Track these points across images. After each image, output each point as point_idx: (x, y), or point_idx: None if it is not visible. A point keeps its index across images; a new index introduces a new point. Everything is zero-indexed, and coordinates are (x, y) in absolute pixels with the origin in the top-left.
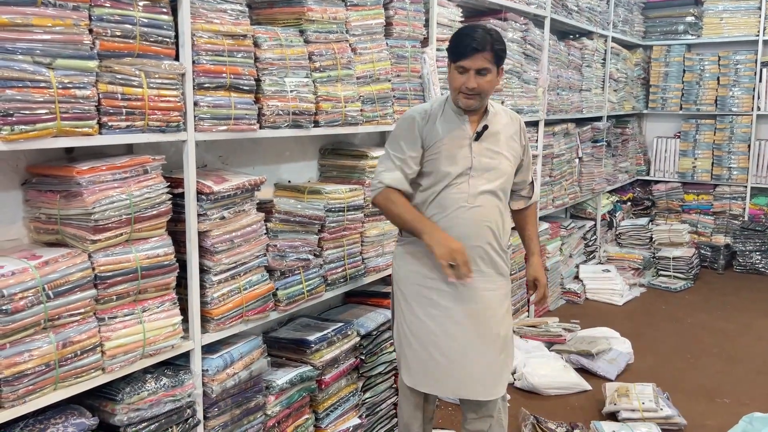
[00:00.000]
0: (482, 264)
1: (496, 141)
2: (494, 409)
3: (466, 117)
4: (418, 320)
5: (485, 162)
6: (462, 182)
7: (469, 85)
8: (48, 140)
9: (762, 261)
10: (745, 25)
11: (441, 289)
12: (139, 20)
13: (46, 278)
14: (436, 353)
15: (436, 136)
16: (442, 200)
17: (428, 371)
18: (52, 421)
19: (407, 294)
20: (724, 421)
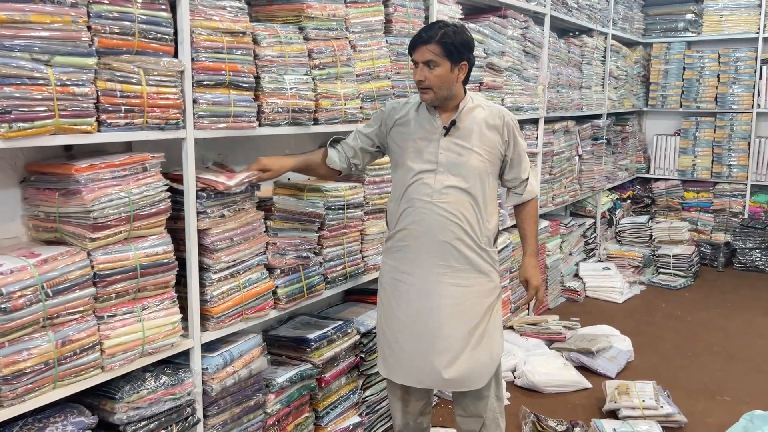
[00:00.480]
0: (452, 260)
1: (467, 137)
2: (484, 410)
3: (437, 113)
4: (391, 312)
5: (452, 158)
6: (428, 177)
7: (415, 77)
8: (46, 138)
9: (762, 259)
10: (745, 22)
11: (410, 283)
12: (137, 17)
13: (44, 276)
14: (403, 343)
15: (407, 129)
16: (410, 194)
17: (397, 360)
18: (52, 420)
19: (385, 285)
20: (725, 419)
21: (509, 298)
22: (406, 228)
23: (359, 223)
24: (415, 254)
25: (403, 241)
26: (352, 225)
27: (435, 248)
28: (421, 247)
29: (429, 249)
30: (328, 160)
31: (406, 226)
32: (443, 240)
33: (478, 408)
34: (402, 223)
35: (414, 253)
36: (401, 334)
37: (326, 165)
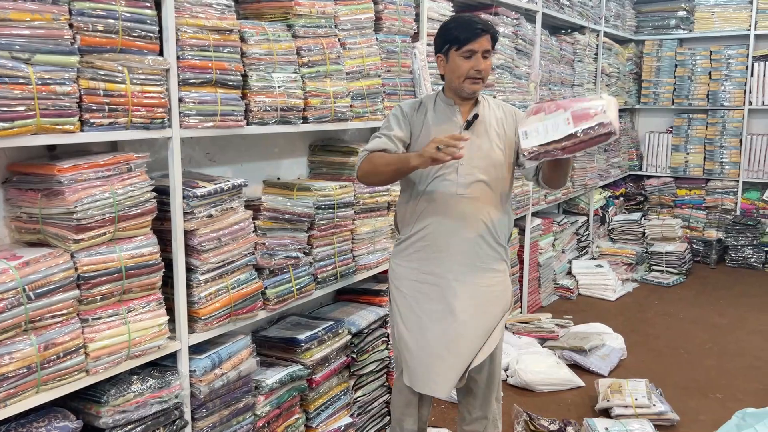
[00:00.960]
0: (475, 258)
1: (487, 130)
2: (489, 410)
3: (457, 107)
4: (416, 317)
5: (474, 151)
6: (450, 172)
7: (480, 66)
8: (28, 138)
9: (754, 255)
10: (736, 19)
11: (437, 284)
12: (121, 15)
13: (26, 279)
14: (430, 350)
15: (426, 126)
16: (432, 192)
17: (424, 369)
18: (35, 425)
19: (405, 291)
20: (717, 417)
21: None
22: (427, 227)
23: (350, 223)
24: (437, 253)
25: (423, 240)
26: (343, 224)
27: (459, 246)
28: (445, 245)
29: (453, 247)
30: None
31: (428, 224)
32: (468, 237)
33: (484, 409)
34: (422, 222)
35: (436, 252)
36: (426, 341)
37: None
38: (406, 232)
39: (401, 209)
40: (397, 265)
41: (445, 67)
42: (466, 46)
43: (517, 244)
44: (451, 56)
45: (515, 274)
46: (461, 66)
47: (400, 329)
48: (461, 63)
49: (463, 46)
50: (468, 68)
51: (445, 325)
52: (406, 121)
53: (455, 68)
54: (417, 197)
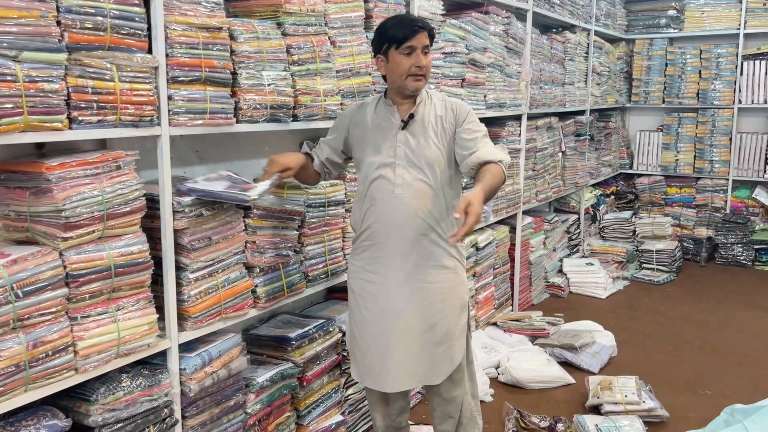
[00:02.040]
0: (417, 256)
1: (424, 129)
2: (456, 411)
3: (395, 108)
4: (361, 314)
5: (410, 151)
6: (388, 172)
7: (421, 62)
8: (15, 135)
9: (743, 253)
10: (726, 18)
11: (376, 282)
12: (109, 12)
13: (14, 277)
14: (372, 346)
15: (364, 128)
16: (373, 191)
17: (367, 365)
18: (24, 423)
19: (354, 289)
20: (706, 413)
21: (493, 294)
22: (370, 226)
23: (340, 221)
24: (380, 252)
25: (368, 240)
26: (333, 222)
27: (400, 245)
28: (387, 244)
29: (394, 245)
30: (315, 164)
31: (371, 224)
32: (408, 236)
33: (448, 409)
34: (367, 221)
35: (379, 251)
36: (370, 337)
37: (314, 169)
38: (356, 231)
39: (354, 208)
40: (350, 264)
41: (385, 67)
42: (406, 43)
43: (508, 242)
44: (391, 55)
45: (506, 272)
46: (402, 64)
47: (350, 326)
48: (402, 60)
49: (403, 43)
50: (409, 65)
51: (388, 323)
52: (345, 123)
53: (396, 67)
54: (363, 197)
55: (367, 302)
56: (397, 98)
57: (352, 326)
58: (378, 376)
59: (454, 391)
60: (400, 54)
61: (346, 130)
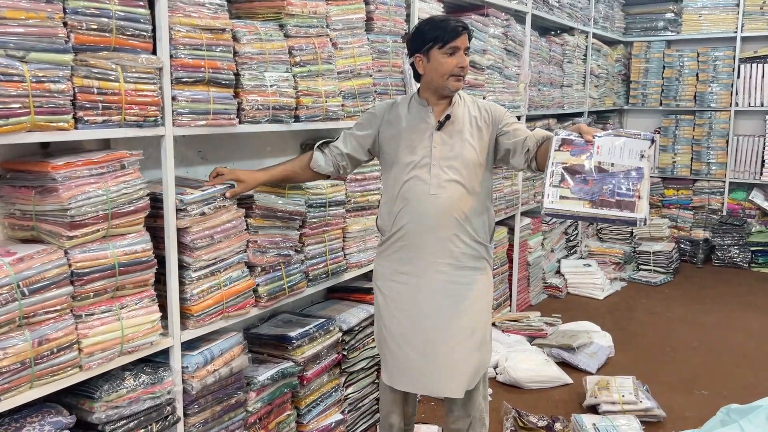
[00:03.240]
0: (451, 257)
1: (460, 130)
2: (473, 409)
3: (430, 108)
4: (392, 316)
5: (446, 151)
6: (423, 172)
7: (464, 63)
8: (22, 135)
9: (740, 255)
10: (723, 21)
11: (410, 284)
12: (115, 13)
13: (20, 275)
14: (407, 348)
15: (398, 127)
16: (406, 192)
17: (401, 368)
18: (29, 420)
19: (383, 290)
20: (703, 413)
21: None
22: (403, 227)
23: (341, 221)
24: (414, 253)
25: (401, 240)
26: (334, 222)
27: (434, 245)
28: (421, 244)
29: (428, 246)
30: (314, 164)
31: (404, 224)
32: (442, 236)
33: (468, 409)
34: (399, 222)
35: (413, 251)
36: (403, 338)
37: (311, 170)
38: (386, 232)
39: (383, 210)
40: (378, 265)
41: (425, 66)
42: (451, 43)
43: (506, 243)
44: (433, 55)
45: (504, 273)
46: (445, 64)
47: (380, 328)
48: (445, 60)
49: (447, 43)
50: (453, 65)
51: (422, 324)
52: (376, 121)
53: (438, 66)
54: (394, 198)
55: (398, 303)
56: (433, 98)
57: (381, 328)
58: (415, 378)
59: (475, 392)
60: (443, 54)
61: (377, 129)
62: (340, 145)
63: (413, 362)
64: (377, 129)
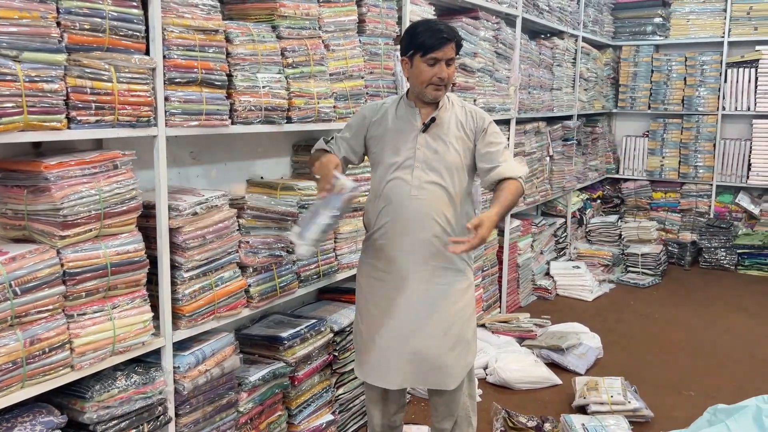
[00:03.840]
0: (430, 258)
1: (445, 133)
2: (457, 408)
3: (417, 110)
4: (368, 312)
5: (429, 154)
6: (406, 173)
7: (443, 75)
8: (15, 134)
9: (727, 257)
10: (710, 26)
11: (388, 281)
12: (108, 14)
13: (12, 274)
14: (379, 343)
15: (384, 128)
16: (389, 191)
17: (373, 362)
18: (20, 420)
19: (363, 285)
20: (690, 413)
21: (481, 296)
22: (384, 226)
23: None
24: (393, 252)
25: (381, 239)
26: None
27: (413, 246)
28: (400, 244)
29: (407, 247)
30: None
31: (385, 224)
32: (422, 237)
33: (450, 408)
34: (380, 221)
35: (392, 251)
36: (378, 334)
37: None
38: (369, 229)
39: (367, 207)
40: (361, 262)
41: (409, 71)
42: (431, 53)
43: (496, 245)
44: (415, 61)
45: (494, 275)
46: (424, 72)
47: (357, 323)
48: (425, 69)
49: (428, 53)
50: (431, 75)
51: (401, 322)
52: (364, 123)
53: (419, 74)
54: (378, 197)
55: (376, 299)
56: (419, 101)
57: (359, 322)
58: (386, 373)
59: (458, 390)
60: (424, 62)
61: (366, 130)
62: (335, 150)
63: (383, 356)
64: (365, 129)
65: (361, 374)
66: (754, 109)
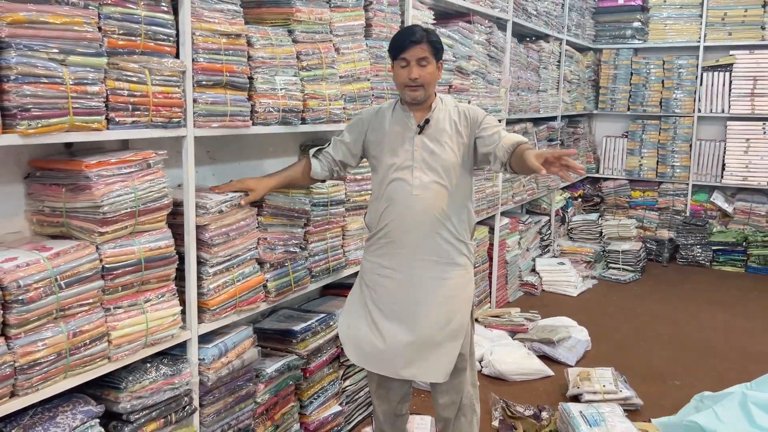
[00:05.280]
0: (433, 254)
1: (440, 133)
2: (459, 395)
3: (411, 113)
4: (374, 305)
5: (427, 155)
6: (405, 174)
7: (412, 75)
8: (61, 135)
9: (702, 254)
10: (687, 31)
11: (394, 278)
12: (143, 18)
13: (57, 269)
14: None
15: (382, 132)
16: (390, 193)
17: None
18: (60, 409)
19: (368, 283)
20: (677, 401)
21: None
22: (387, 225)
23: (341, 219)
24: (397, 250)
25: (385, 237)
26: (335, 221)
27: (417, 243)
28: (404, 242)
29: (411, 243)
30: (312, 172)
31: (388, 223)
32: (424, 235)
33: (452, 396)
34: (384, 221)
35: (396, 248)
36: (381, 329)
37: (309, 177)
38: (372, 229)
39: (370, 208)
40: (365, 260)
41: (393, 76)
42: (400, 55)
43: (487, 242)
44: (394, 66)
45: (485, 271)
46: (399, 75)
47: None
48: (399, 72)
49: (397, 56)
50: (405, 77)
51: (403, 316)
52: (364, 127)
53: (396, 78)
54: (380, 197)
55: (381, 296)
56: (411, 105)
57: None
58: (389, 362)
59: (458, 378)
60: (398, 66)
61: (364, 134)
62: (332, 152)
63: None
64: (364, 134)
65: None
66: (728, 111)
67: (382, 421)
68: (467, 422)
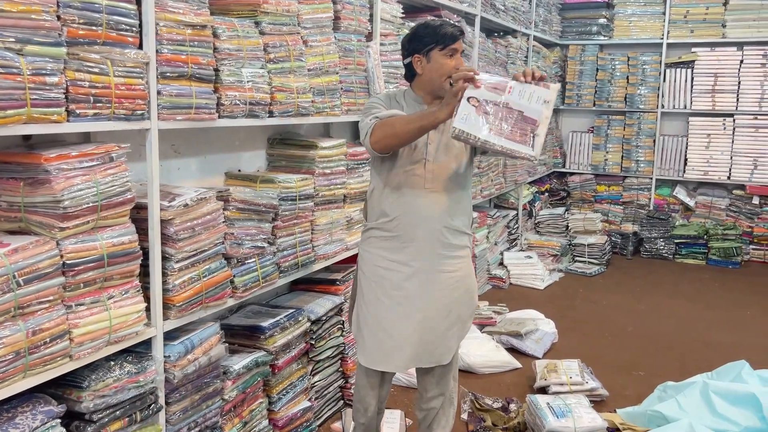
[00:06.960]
0: (442, 247)
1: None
2: (447, 388)
3: (425, 106)
4: (377, 300)
5: (441, 147)
6: (419, 167)
7: (462, 65)
8: (18, 127)
9: (665, 247)
10: (651, 28)
11: (401, 271)
12: (105, 8)
13: (15, 266)
14: (390, 330)
15: None
16: (400, 185)
17: (381, 349)
18: (20, 410)
19: (369, 275)
20: (641, 391)
21: None
22: (396, 218)
23: (310, 214)
24: (406, 243)
25: (393, 231)
26: (303, 216)
27: (427, 236)
28: (413, 235)
29: (420, 237)
30: None
31: (397, 216)
32: (434, 228)
33: (442, 388)
34: (391, 213)
35: (405, 242)
36: (387, 321)
37: None
38: (373, 220)
39: (371, 198)
40: (365, 251)
41: (424, 67)
42: (451, 45)
43: None
44: (433, 56)
45: None
46: (444, 65)
47: (363, 312)
48: (444, 62)
49: (448, 45)
50: (452, 67)
51: (410, 309)
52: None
53: (438, 67)
54: (386, 189)
55: (387, 289)
56: (428, 97)
57: (364, 311)
58: (393, 357)
59: (450, 369)
60: (443, 55)
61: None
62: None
63: (394, 342)
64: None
65: (369, 363)
66: (690, 107)
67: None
68: (445, 414)
